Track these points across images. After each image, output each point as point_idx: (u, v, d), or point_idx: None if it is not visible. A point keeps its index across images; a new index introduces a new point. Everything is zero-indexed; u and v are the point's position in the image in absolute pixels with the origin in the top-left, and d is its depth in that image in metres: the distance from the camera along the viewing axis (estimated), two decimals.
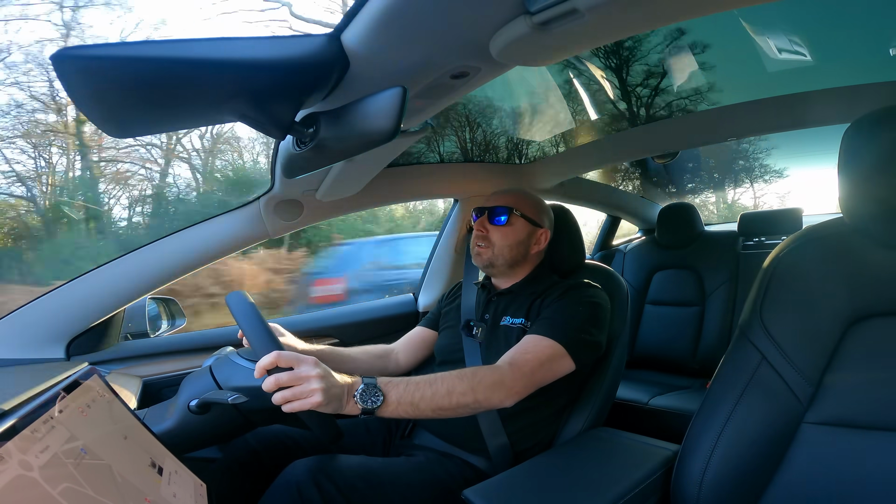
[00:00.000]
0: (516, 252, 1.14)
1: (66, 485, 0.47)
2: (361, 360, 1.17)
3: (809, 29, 1.05)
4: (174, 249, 1.16)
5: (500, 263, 1.14)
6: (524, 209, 1.15)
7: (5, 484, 0.41)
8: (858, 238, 0.77)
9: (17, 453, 0.44)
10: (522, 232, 1.14)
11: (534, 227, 1.16)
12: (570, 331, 0.98)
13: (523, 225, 1.14)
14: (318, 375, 0.75)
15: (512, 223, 1.13)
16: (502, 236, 1.13)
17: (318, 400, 0.74)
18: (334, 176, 1.04)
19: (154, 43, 0.48)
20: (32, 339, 1.07)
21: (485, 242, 1.14)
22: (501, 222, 1.13)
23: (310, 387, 0.74)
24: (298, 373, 0.75)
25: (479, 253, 1.15)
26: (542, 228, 1.17)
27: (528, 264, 1.18)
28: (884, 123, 0.72)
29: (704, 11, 0.54)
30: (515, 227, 1.14)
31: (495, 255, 1.13)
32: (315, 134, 0.61)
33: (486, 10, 0.52)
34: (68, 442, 0.52)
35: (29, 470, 0.44)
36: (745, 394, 0.80)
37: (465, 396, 0.85)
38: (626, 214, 2.58)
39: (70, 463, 0.50)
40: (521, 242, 1.14)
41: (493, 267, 1.15)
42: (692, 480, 0.81)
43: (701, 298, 2.13)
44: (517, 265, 1.16)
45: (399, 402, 0.81)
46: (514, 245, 1.13)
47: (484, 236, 1.14)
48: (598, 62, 1.24)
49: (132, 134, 0.60)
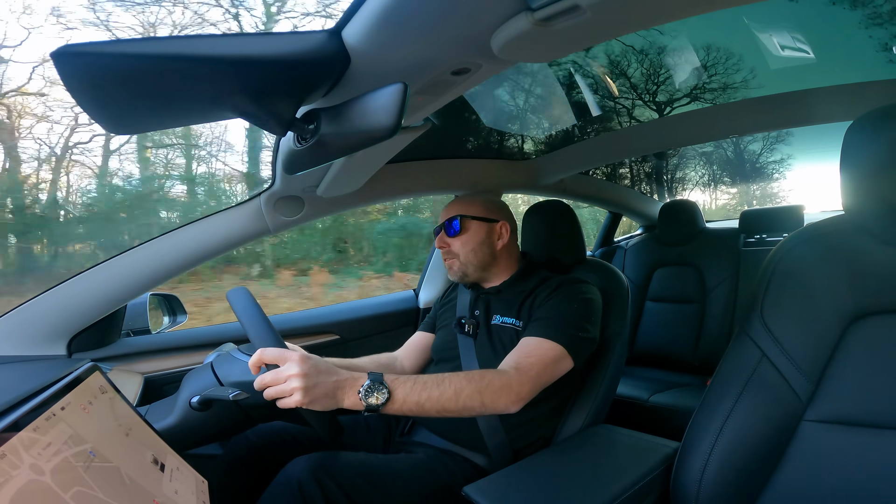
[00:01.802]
0: (482, 254, 1.16)
1: (77, 488, 0.47)
2: (368, 369, 1.17)
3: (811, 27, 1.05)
4: (175, 246, 1.16)
5: (471, 270, 1.16)
6: (473, 212, 1.17)
7: (18, 489, 0.41)
8: (860, 235, 0.77)
9: (27, 457, 0.44)
10: (480, 233, 1.16)
11: (490, 224, 1.17)
12: (567, 329, 0.98)
13: (478, 226, 1.16)
14: (300, 374, 0.74)
15: (466, 228, 1.16)
16: (462, 244, 1.16)
17: (299, 399, 0.74)
18: (335, 172, 1.04)
19: (154, 39, 0.48)
20: (34, 336, 1.07)
21: (450, 255, 1.17)
22: (456, 231, 1.16)
23: (290, 385, 0.74)
24: (279, 372, 0.75)
25: (450, 266, 1.18)
26: (497, 222, 1.18)
27: (503, 261, 1.19)
28: (886, 121, 0.71)
29: (706, 9, 0.54)
30: (471, 231, 1.16)
31: (463, 264, 1.16)
32: (316, 130, 0.61)
33: (488, 7, 0.52)
34: (76, 444, 0.52)
35: (40, 475, 0.44)
36: (745, 391, 0.80)
37: (472, 400, 0.85)
38: (626, 211, 2.58)
39: (80, 466, 0.50)
40: (483, 242, 1.16)
41: (468, 276, 1.17)
42: (692, 477, 0.81)
43: (702, 295, 2.13)
44: (490, 265, 1.17)
45: (405, 400, 0.81)
46: (476, 248, 1.15)
47: (448, 250, 1.17)
48: (601, 58, 1.23)
49: (133, 130, 0.60)
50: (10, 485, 0.41)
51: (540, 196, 1.87)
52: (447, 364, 1.16)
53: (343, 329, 1.58)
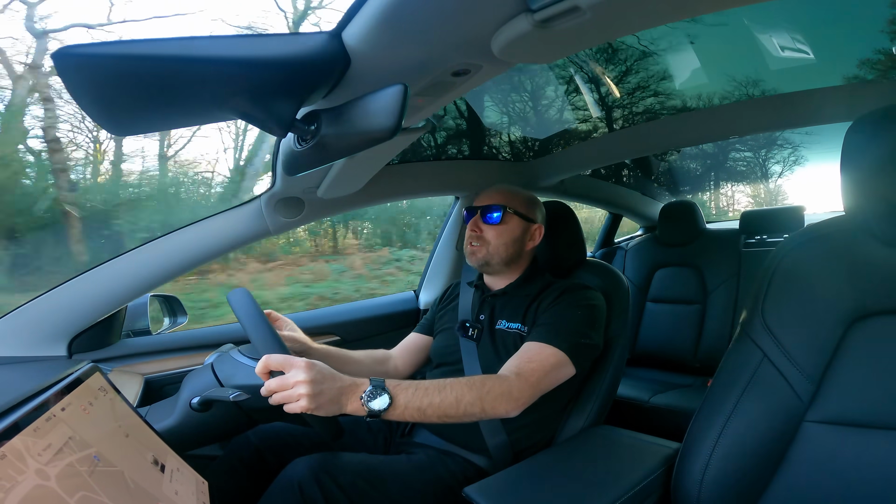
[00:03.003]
0: (512, 250, 1.13)
1: (82, 493, 0.48)
2: (363, 363, 1.18)
3: (811, 26, 1.05)
4: (175, 247, 1.16)
5: (495, 262, 1.13)
6: (517, 206, 1.13)
7: (24, 495, 0.41)
8: (861, 236, 0.77)
9: (32, 462, 0.44)
10: (517, 229, 1.13)
11: (528, 224, 1.15)
12: (570, 336, 0.98)
13: (517, 222, 1.13)
14: (306, 381, 0.74)
15: (506, 221, 1.12)
16: (497, 235, 1.12)
17: (305, 405, 0.74)
18: (335, 173, 1.04)
19: (155, 41, 0.48)
20: (34, 337, 1.07)
21: (479, 242, 1.12)
22: (496, 220, 1.11)
23: (297, 392, 0.75)
24: (286, 378, 0.76)
25: (474, 252, 1.13)
26: (535, 224, 1.16)
27: (522, 261, 1.17)
28: (886, 121, 0.71)
29: (706, 9, 0.54)
30: (510, 225, 1.12)
31: (490, 254, 1.12)
32: (316, 131, 0.61)
33: (488, 8, 0.52)
34: (80, 448, 0.52)
35: (46, 480, 0.45)
36: (746, 392, 0.80)
37: (473, 406, 0.85)
38: (627, 212, 2.58)
39: (85, 471, 0.50)
40: (517, 240, 1.13)
41: (489, 265, 1.14)
42: (693, 479, 0.81)
43: (702, 296, 2.12)
44: (513, 263, 1.15)
45: (406, 405, 0.81)
46: (509, 243, 1.12)
47: (478, 236, 1.12)
48: (601, 59, 1.23)
49: (133, 132, 0.60)
50: (16, 490, 0.41)
51: (540, 197, 1.87)
52: (448, 367, 1.15)
53: (343, 330, 1.58)
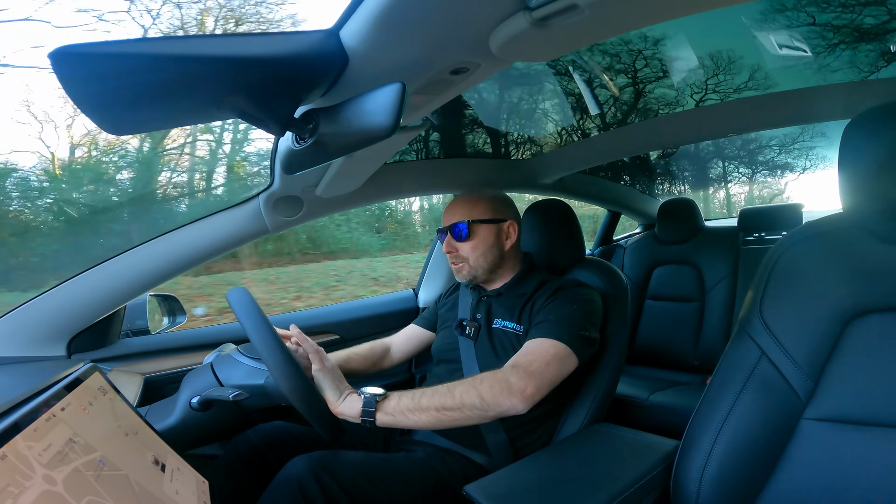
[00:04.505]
0: (492, 256, 1.14)
1: (89, 498, 0.48)
2: (361, 353, 1.22)
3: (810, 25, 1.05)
4: (174, 246, 1.16)
5: (481, 273, 1.15)
6: (479, 214, 1.14)
7: (32, 501, 0.41)
8: (859, 233, 0.77)
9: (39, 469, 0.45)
10: (489, 236, 1.14)
11: (497, 226, 1.15)
12: (569, 328, 0.98)
13: (486, 229, 1.14)
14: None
15: (475, 232, 1.13)
16: (472, 249, 1.13)
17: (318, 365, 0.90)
18: (334, 172, 1.04)
19: (152, 40, 0.48)
20: (33, 338, 1.07)
21: (458, 260, 1.15)
22: (464, 236, 1.13)
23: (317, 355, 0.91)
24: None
25: (459, 270, 1.16)
26: (506, 222, 1.16)
27: (510, 260, 1.18)
28: (885, 119, 0.71)
29: (703, 7, 0.54)
30: (480, 235, 1.13)
31: (473, 268, 1.14)
32: (314, 130, 0.61)
33: (486, 6, 0.52)
34: (85, 452, 0.52)
35: (53, 485, 0.45)
36: (744, 390, 0.80)
37: (468, 395, 0.86)
38: (626, 210, 2.58)
39: (91, 476, 0.50)
40: (493, 245, 1.14)
41: (477, 278, 1.16)
42: (692, 476, 0.81)
43: (701, 294, 2.13)
44: (499, 266, 1.16)
45: (400, 397, 0.86)
46: (486, 252, 1.13)
47: (455, 255, 1.15)
48: (600, 57, 1.23)
49: (130, 131, 0.60)
50: (25, 496, 0.41)
51: (539, 195, 1.87)
52: (448, 365, 1.16)
53: (343, 329, 1.58)
